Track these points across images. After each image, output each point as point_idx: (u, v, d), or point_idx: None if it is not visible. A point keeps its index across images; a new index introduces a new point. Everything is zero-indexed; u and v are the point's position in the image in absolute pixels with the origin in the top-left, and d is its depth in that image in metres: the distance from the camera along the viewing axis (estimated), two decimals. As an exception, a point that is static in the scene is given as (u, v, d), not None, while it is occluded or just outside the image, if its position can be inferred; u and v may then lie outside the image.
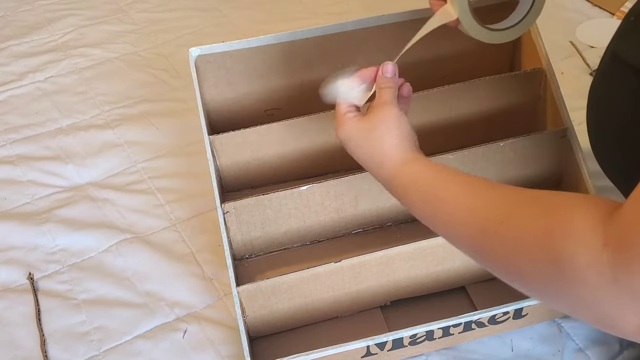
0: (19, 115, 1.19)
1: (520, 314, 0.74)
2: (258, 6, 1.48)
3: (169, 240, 0.94)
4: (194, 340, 0.81)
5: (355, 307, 0.79)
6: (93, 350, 0.81)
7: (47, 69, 1.31)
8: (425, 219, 0.57)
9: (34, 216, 0.98)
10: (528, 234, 0.46)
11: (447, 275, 0.79)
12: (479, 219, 0.51)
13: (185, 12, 1.48)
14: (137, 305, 0.85)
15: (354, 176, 0.80)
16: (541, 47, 0.85)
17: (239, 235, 0.82)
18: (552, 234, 0.44)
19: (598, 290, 0.41)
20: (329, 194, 0.81)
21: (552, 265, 0.44)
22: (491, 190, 0.52)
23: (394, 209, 0.84)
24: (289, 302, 0.76)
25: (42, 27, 1.45)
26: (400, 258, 0.76)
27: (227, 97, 0.89)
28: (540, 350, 0.77)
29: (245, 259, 0.85)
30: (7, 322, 0.84)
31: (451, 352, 0.77)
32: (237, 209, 0.79)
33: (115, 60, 1.33)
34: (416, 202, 0.58)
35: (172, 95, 1.22)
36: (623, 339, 0.77)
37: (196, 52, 0.83)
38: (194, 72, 0.83)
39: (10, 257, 0.92)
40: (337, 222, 0.84)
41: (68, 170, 1.06)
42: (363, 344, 0.71)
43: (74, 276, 0.90)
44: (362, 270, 0.75)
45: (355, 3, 1.45)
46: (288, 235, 0.84)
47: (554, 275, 0.44)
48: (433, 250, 0.76)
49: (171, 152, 1.09)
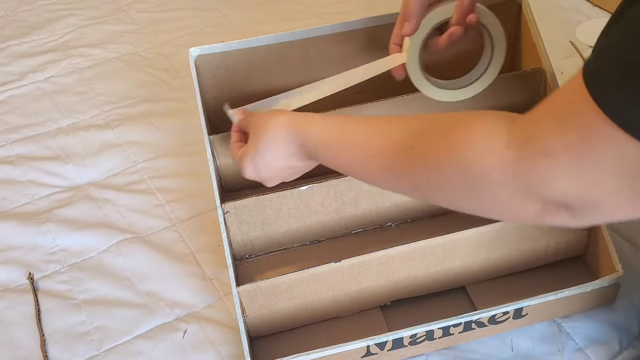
0: (19, 115, 1.19)
1: (520, 314, 0.75)
2: (258, 6, 1.48)
3: (169, 240, 0.94)
4: (194, 340, 0.81)
5: (355, 307, 0.79)
6: (93, 350, 0.81)
7: (47, 69, 1.31)
8: (345, 171, 0.62)
9: (34, 216, 0.98)
10: (435, 150, 0.51)
11: (447, 275, 0.79)
12: (388, 152, 0.55)
13: (185, 12, 1.49)
14: (137, 305, 0.85)
15: None
16: (541, 47, 0.85)
17: (239, 235, 0.82)
18: (456, 144, 0.49)
19: (502, 187, 0.47)
20: (329, 193, 0.81)
21: (460, 172, 0.49)
22: (393, 123, 0.57)
23: (394, 209, 0.85)
24: (289, 302, 0.76)
25: (42, 27, 1.45)
26: (400, 258, 0.76)
27: (228, 97, 0.89)
28: (540, 349, 0.77)
29: (245, 259, 0.85)
30: (7, 322, 0.84)
31: (451, 352, 0.77)
32: (237, 209, 0.79)
33: (115, 60, 1.33)
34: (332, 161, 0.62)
35: (172, 95, 1.22)
36: (623, 339, 0.77)
37: (196, 52, 0.83)
38: (194, 72, 0.83)
39: (10, 257, 0.92)
40: (337, 222, 0.84)
41: (68, 170, 1.06)
42: (363, 343, 0.71)
43: (74, 276, 0.90)
44: (362, 270, 0.75)
45: (355, 3, 1.45)
46: (288, 235, 0.84)
47: (463, 181, 0.49)
48: (433, 250, 0.76)
49: (171, 152, 1.09)
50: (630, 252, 0.84)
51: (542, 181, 0.44)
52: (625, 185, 0.41)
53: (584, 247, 0.83)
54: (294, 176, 0.69)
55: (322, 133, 0.62)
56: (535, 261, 0.82)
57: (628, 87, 0.38)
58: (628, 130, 0.39)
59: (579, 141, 0.41)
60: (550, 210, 0.46)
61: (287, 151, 0.64)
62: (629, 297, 0.80)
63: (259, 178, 0.69)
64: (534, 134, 0.44)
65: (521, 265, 0.82)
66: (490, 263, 0.80)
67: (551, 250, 0.81)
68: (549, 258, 0.82)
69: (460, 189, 0.50)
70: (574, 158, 0.42)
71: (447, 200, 0.53)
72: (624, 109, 0.39)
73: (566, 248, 0.82)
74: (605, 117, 0.39)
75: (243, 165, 0.68)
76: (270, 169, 0.67)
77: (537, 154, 0.44)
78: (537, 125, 0.45)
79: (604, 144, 0.40)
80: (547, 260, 0.82)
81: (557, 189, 0.44)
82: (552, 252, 0.81)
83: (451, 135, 0.50)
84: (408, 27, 0.72)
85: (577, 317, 0.79)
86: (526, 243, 0.79)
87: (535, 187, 0.45)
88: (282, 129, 0.64)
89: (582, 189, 0.43)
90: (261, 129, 0.66)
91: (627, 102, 0.38)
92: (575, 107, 0.42)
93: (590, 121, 0.40)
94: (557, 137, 0.43)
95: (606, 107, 0.39)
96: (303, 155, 0.64)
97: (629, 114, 0.38)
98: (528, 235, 0.79)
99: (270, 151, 0.65)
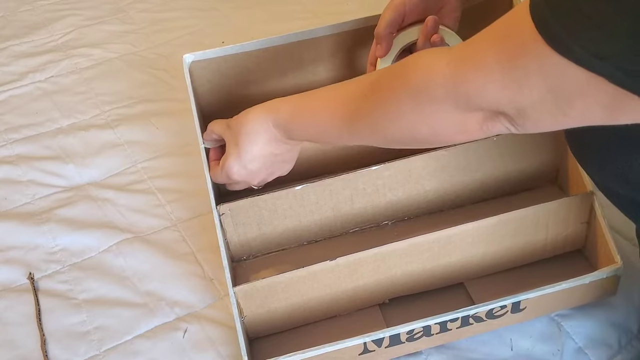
0: (19, 115, 1.19)
1: (518, 308, 0.74)
2: (258, 6, 1.48)
3: (170, 240, 0.94)
4: (194, 340, 0.81)
5: (353, 305, 0.79)
6: (93, 349, 0.81)
7: (47, 69, 1.31)
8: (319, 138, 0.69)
9: (34, 216, 0.98)
10: (389, 82, 0.58)
11: (444, 271, 0.79)
12: (349, 108, 0.63)
13: (185, 12, 1.49)
14: (137, 305, 0.85)
15: (348, 175, 0.80)
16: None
17: (236, 237, 0.82)
18: (406, 70, 0.56)
19: (446, 101, 0.53)
20: (324, 193, 0.81)
21: (410, 94, 0.56)
22: (347, 85, 0.65)
23: (390, 206, 0.85)
24: (286, 302, 0.76)
25: (42, 27, 1.45)
26: (396, 255, 0.76)
27: (223, 102, 0.89)
28: (540, 349, 0.77)
29: (243, 260, 0.85)
30: (7, 322, 0.84)
31: (451, 351, 0.77)
32: (232, 210, 0.79)
33: (115, 60, 1.33)
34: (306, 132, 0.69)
35: (172, 95, 1.22)
36: (622, 338, 0.77)
37: (190, 58, 0.83)
38: (187, 79, 0.83)
39: (10, 257, 0.93)
40: (334, 222, 0.84)
41: (68, 170, 1.06)
42: (360, 340, 0.71)
43: (74, 276, 0.90)
44: (358, 267, 0.75)
45: (354, 3, 1.45)
46: (285, 236, 0.84)
47: (414, 102, 0.55)
48: (429, 245, 0.76)
49: (171, 152, 1.09)
50: (631, 251, 0.84)
51: (477, 91, 0.50)
52: (547, 98, 0.46)
53: (583, 241, 0.82)
54: (280, 167, 0.74)
55: (289, 107, 0.69)
56: (534, 255, 0.81)
57: (554, 6, 0.43)
58: (552, 43, 0.43)
59: (509, 55, 0.47)
60: (491, 118, 0.52)
61: (267, 137, 0.70)
62: (628, 297, 0.80)
63: (247, 174, 0.73)
64: (471, 51, 0.51)
65: (520, 260, 0.81)
66: (488, 258, 0.80)
67: (550, 243, 0.81)
68: (548, 252, 0.82)
69: (413, 112, 0.56)
70: (504, 71, 0.48)
71: (403, 129, 0.58)
72: (554, 30, 0.43)
73: (565, 241, 0.81)
74: (537, 34, 0.44)
75: (228, 166, 0.73)
76: (256, 160, 0.71)
77: (473, 68, 0.50)
78: (474, 45, 0.51)
79: (530, 57, 0.45)
80: (545, 254, 0.82)
81: (491, 97, 0.50)
82: (551, 246, 0.81)
83: (402, 67, 0.57)
84: (380, 50, 0.79)
85: (577, 316, 0.79)
86: (524, 237, 0.79)
87: (472, 97, 0.51)
88: (257, 118, 0.70)
89: (511, 97, 0.48)
90: (238, 125, 0.72)
91: (553, 19, 0.43)
92: (514, 24, 0.47)
93: (523, 36, 0.45)
94: (492, 51, 0.48)
95: (540, 26, 0.44)
96: (281, 136, 0.70)
97: (554, 30, 0.43)
98: (526, 229, 0.78)
99: (252, 141, 0.70)
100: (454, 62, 0.52)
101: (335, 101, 0.65)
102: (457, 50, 0.53)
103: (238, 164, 0.72)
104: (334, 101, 0.65)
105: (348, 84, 0.66)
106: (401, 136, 0.60)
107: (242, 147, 0.71)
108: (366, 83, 0.63)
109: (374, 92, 0.60)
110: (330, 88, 0.68)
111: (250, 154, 0.71)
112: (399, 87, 0.57)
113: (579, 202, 0.79)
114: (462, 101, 0.52)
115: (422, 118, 0.56)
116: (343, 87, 0.66)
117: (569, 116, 0.47)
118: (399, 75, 0.58)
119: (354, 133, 0.64)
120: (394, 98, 0.57)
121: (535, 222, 0.78)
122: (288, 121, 0.69)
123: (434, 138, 0.58)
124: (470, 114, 0.53)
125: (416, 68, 0.55)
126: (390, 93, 0.58)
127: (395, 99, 0.57)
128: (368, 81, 0.63)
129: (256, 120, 0.70)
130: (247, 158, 0.72)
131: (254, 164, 0.72)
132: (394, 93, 0.58)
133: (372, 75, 0.63)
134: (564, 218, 0.79)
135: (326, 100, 0.66)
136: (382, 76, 0.60)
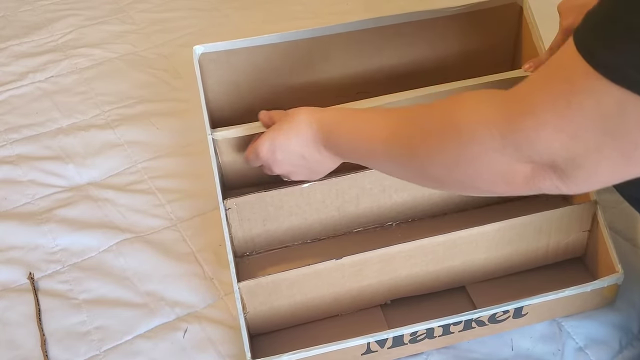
0: (19, 115, 1.19)
1: (520, 313, 0.75)
2: (258, 6, 1.48)
3: (170, 240, 0.94)
4: (194, 339, 0.81)
5: (355, 305, 0.79)
6: (93, 350, 0.81)
7: (47, 69, 1.31)
8: (352, 153, 0.67)
9: (34, 216, 0.98)
10: (432, 120, 0.56)
11: (447, 274, 0.79)
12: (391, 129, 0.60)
13: (186, 12, 1.49)
14: (137, 305, 0.85)
15: (355, 174, 0.80)
16: (542, 49, 0.85)
17: (240, 232, 0.82)
18: (450, 115, 0.53)
19: (491, 149, 0.49)
20: (331, 192, 0.81)
21: (453, 136, 0.52)
22: (397, 109, 0.63)
23: (395, 208, 0.85)
24: (290, 299, 0.76)
25: (42, 27, 1.45)
26: (401, 256, 0.76)
27: (231, 95, 0.89)
28: (540, 349, 0.77)
29: (246, 256, 0.85)
30: (7, 322, 0.84)
31: (451, 352, 0.77)
32: (238, 205, 0.79)
33: (115, 60, 1.33)
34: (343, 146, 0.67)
35: (173, 95, 1.22)
36: (622, 338, 0.77)
37: (200, 50, 0.83)
38: (197, 70, 0.83)
39: (10, 257, 0.92)
40: (338, 221, 0.84)
41: (68, 170, 1.06)
42: (363, 340, 0.71)
43: (75, 276, 0.90)
44: (362, 267, 0.75)
45: (355, 3, 1.45)
46: (289, 233, 0.84)
47: (456, 144, 0.52)
48: (433, 248, 0.76)
49: (171, 152, 1.09)
50: (631, 252, 0.84)
51: (528, 138, 0.47)
52: (606, 141, 0.43)
53: (584, 249, 0.83)
54: (305, 173, 0.73)
55: (335, 113, 0.69)
56: (536, 262, 0.82)
57: (605, 37, 0.41)
58: (604, 71, 0.41)
59: (561, 95, 0.44)
60: (539, 173, 0.48)
61: (306, 138, 0.69)
62: (629, 297, 0.80)
63: (270, 159, 0.73)
64: (521, 96, 0.48)
65: (521, 266, 0.82)
66: (491, 263, 0.80)
67: (551, 250, 0.81)
68: (549, 259, 0.82)
69: (453, 154, 0.52)
70: (557, 112, 0.44)
71: (442, 169, 0.55)
72: (602, 56, 0.41)
73: (566, 249, 0.82)
74: (587, 66, 0.41)
75: (261, 141, 0.73)
76: (285, 152, 0.71)
77: (523, 113, 0.47)
78: (525, 89, 0.48)
79: (585, 94, 0.42)
80: (547, 261, 0.82)
81: (542, 145, 0.46)
82: (552, 253, 0.82)
83: (447, 106, 0.55)
84: None
85: (577, 316, 0.79)
86: (526, 243, 0.79)
87: (522, 145, 0.47)
88: (305, 118, 0.70)
89: (566, 144, 0.45)
90: (287, 117, 0.72)
91: (605, 49, 0.41)
92: (562, 63, 0.45)
93: (573, 73, 0.43)
94: (542, 94, 0.45)
95: (587, 56, 0.42)
96: (320, 140, 0.69)
97: (605, 58, 0.41)
98: (528, 235, 0.79)
99: (291, 135, 0.70)
100: (502, 108, 0.49)
101: (381, 119, 0.63)
102: (506, 94, 0.50)
103: (268, 145, 0.72)
104: (380, 119, 0.63)
105: (398, 108, 0.64)
106: (437, 172, 0.56)
107: (281, 133, 0.71)
108: (416, 109, 0.60)
109: (420, 119, 0.58)
110: (381, 108, 0.68)
111: (283, 145, 0.71)
112: (441, 122, 0.54)
113: (582, 210, 0.79)
114: (510, 150, 0.48)
115: (463, 164, 0.52)
116: (393, 109, 0.64)
117: (632, 160, 0.43)
118: (443, 110, 0.55)
119: (390, 155, 0.61)
120: (436, 134, 0.55)
121: (538, 229, 0.79)
122: (332, 124, 0.68)
123: (472, 182, 0.54)
124: (519, 165, 0.49)
125: (460, 108, 0.53)
126: (432, 138, 0.55)
127: (439, 143, 0.54)
128: (418, 108, 0.60)
129: (305, 116, 0.70)
130: (279, 144, 0.71)
131: (281, 153, 0.72)
132: (439, 128, 0.54)
133: (423, 105, 0.60)
134: (567, 226, 0.80)
135: (373, 115, 0.64)
136: (433, 107, 0.57)
